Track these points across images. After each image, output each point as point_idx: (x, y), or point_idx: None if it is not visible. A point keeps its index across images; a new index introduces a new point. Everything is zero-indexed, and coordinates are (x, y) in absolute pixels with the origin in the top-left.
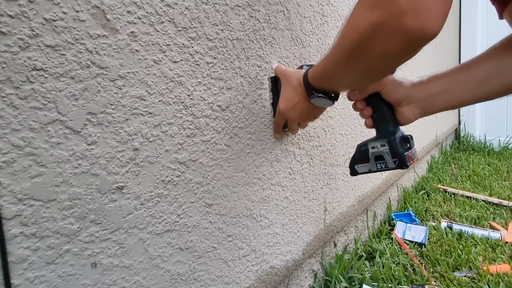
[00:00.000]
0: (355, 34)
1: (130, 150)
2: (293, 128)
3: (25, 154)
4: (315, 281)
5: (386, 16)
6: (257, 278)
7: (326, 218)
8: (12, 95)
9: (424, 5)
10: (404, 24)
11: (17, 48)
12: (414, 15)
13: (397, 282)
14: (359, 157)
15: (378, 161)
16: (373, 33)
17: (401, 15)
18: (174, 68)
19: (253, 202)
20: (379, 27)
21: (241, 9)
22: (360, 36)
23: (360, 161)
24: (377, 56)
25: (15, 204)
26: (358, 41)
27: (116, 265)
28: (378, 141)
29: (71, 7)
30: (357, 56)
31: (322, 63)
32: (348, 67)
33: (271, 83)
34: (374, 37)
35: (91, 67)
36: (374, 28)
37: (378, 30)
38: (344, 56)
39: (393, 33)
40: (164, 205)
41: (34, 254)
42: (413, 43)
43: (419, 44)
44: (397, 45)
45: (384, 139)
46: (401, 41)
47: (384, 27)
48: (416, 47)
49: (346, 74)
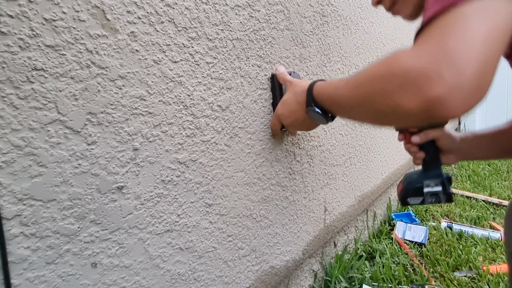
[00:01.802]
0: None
1: (130, 150)
2: (290, 131)
3: (25, 154)
4: (315, 281)
5: (423, 76)
6: (257, 278)
7: (326, 218)
8: (12, 95)
9: (462, 92)
10: (430, 92)
11: (17, 48)
12: (447, 92)
13: (397, 282)
14: (413, 192)
15: (432, 197)
16: (402, 82)
17: (435, 85)
18: (174, 68)
19: (253, 202)
20: (411, 80)
21: (241, 9)
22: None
23: (413, 195)
24: (392, 107)
25: (15, 204)
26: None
27: (116, 265)
28: (431, 180)
29: (71, 7)
30: (374, 100)
31: (337, 84)
32: (361, 106)
33: (271, 83)
34: (399, 87)
35: (91, 67)
36: (405, 77)
37: (409, 82)
38: (363, 93)
39: (417, 92)
40: (164, 205)
41: (34, 254)
42: (426, 112)
43: (430, 116)
44: (413, 105)
45: (438, 179)
46: (417, 103)
47: (415, 85)
48: (427, 117)
49: (356, 109)
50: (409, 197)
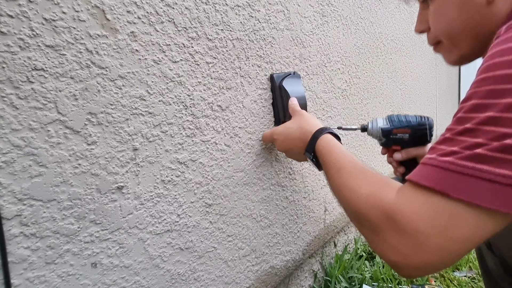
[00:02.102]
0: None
1: (130, 150)
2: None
3: (25, 154)
4: (315, 281)
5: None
6: (257, 278)
7: (326, 218)
8: (12, 95)
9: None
10: (391, 256)
11: (17, 48)
12: (404, 266)
13: (397, 282)
14: None
15: None
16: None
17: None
18: (174, 68)
19: (253, 202)
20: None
21: (241, 9)
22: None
23: None
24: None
25: (15, 204)
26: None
27: (116, 265)
28: None
29: (71, 7)
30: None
31: (335, 161)
32: (341, 202)
33: (271, 83)
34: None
35: (91, 67)
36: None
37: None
38: (342, 197)
39: (382, 242)
40: (164, 205)
41: (34, 254)
42: (383, 257)
43: (385, 260)
44: (371, 241)
45: None
46: (377, 248)
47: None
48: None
49: (339, 198)
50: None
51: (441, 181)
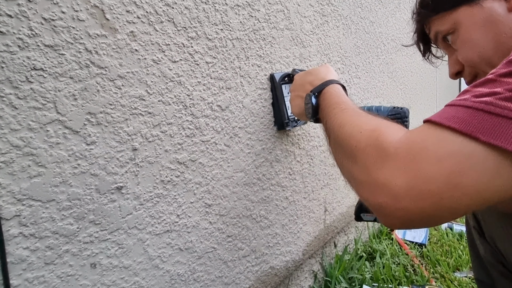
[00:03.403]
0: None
1: (130, 150)
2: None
3: (24, 154)
4: (315, 282)
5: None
6: (257, 278)
7: (326, 219)
8: (11, 95)
9: (403, 216)
10: (378, 195)
11: (16, 48)
12: (391, 207)
13: (397, 282)
14: (366, 208)
15: None
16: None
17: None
18: (174, 68)
19: (253, 203)
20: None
21: (241, 9)
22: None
23: (366, 211)
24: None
25: (14, 205)
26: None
27: (115, 265)
28: None
29: (70, 6)
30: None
31: (341, 104)
32: (336, 145)
33: (271, 83)
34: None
35: (90, 67)
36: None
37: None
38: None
39: (374, 182)
40: (163, 205)
41: (33, 255)
42: (369, 198)
43: (371, 204)
44: (364, 182)
45: None
46: (368, 185)
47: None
48: (369, 204)
49: (338, 136)
50: (362, 213)
51: (470, 123)
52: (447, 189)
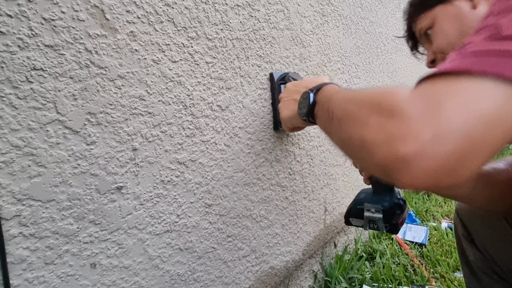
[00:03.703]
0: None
1: (130, 150)
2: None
3: (24, 154)
4: (315, 282)
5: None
6: (257, 278)
7: (326, 219)
8: (11, 95)
9: (430, 162)
10: (399, 145)
11: (16, 48)
12: (415, 156)
13: (397, 282)
14: (355, 212)
15: (371, 223)
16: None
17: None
18: (174, 68)
19: (253, 203)
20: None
21: (241, 9)
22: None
23: (355, 216)
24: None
25: (14, 205)
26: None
27: (115, 265)
28: (374, 205)
29: (70, 6)
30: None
31: (340, 92)
32: (340, 121)
33: (271, 83)
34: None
35: (90, 67)
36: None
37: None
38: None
39: (388, 136)
40: (163, 205)
41: (33, 255)
42: (384, 163)
43: (386, 170)
44: (377, 143)
45: (379, 205)
46: (383, 147)
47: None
48: (383, 169)
49: (346, 108)
50: (351, 217)
51: (483, 62)
52: (477, 128)
